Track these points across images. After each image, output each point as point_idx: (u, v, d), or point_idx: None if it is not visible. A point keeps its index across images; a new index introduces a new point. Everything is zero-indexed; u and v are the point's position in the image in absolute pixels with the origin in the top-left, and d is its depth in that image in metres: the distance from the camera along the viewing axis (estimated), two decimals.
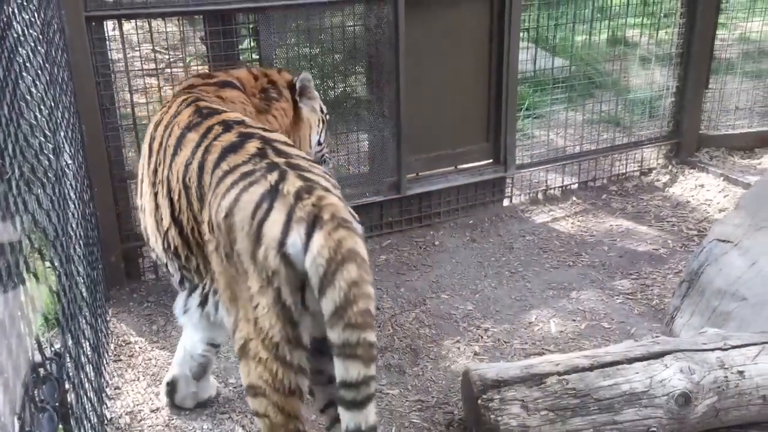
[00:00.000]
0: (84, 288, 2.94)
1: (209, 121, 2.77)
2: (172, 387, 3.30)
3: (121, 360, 3.68)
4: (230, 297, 2.47)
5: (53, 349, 1.85)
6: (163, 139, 2.90)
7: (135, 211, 4.38)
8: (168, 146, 2.84)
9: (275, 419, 2.41)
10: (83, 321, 2.76)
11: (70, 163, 3.10)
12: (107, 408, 3.25)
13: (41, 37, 2.63)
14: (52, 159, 2.37)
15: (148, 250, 3.16)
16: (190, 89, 3.24)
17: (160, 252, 2.96)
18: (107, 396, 3.33)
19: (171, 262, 2.94)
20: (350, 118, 4.80)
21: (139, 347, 3.79)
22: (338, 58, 4.59)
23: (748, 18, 6.19)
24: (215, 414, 3.31)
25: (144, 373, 3.58)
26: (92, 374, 2.76)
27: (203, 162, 2.58)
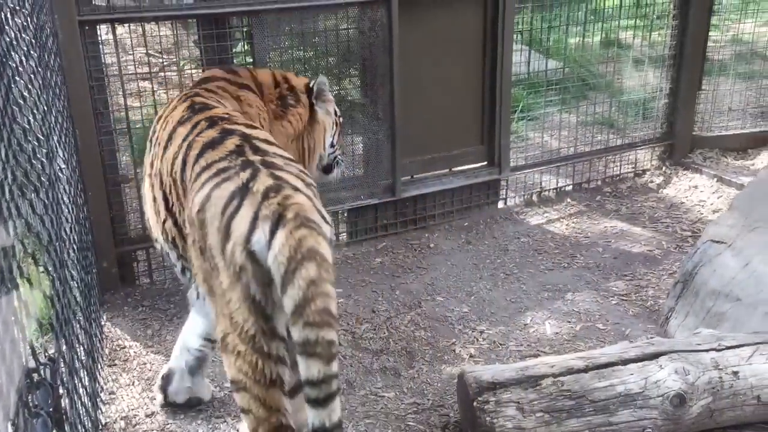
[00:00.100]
0: (78, 292, 2.93)
1: (197, 117, 2.86)
2: (167, 380, 3.32)
3: (116, 364, 3.67)
4: (208, 291, 2.53)
5: (47, 355, 1.84)
6: (160, 133, 3.01)
7: (129, 215, 4.39)
8: (162, 140, 2.95)
9: (258, 413, 2.44)
10: (77, 326, 2.75)
11: (64, 168, 3.09)
12: (102, 413, 3.24)
13: (34, 42, 2.63)
14: (46, 163, 2.37)
15: (153, 242, 3.25)
16: (205, 82, 3.42)
17: (162, 242, 3.05)
18: (102, 401, 3.32)
19: (171, 252, 3.02)
20: (345, 121, 4.78)
21: (134, 351, 3.78)
22: (332, 61, 4.59)
23: (741, 19, 6.21)
24: (210, 418, 3.31)
25: (139, 378, 3.57)
26: (86, 379, 2.75)
27: (186, 157, 2.67)
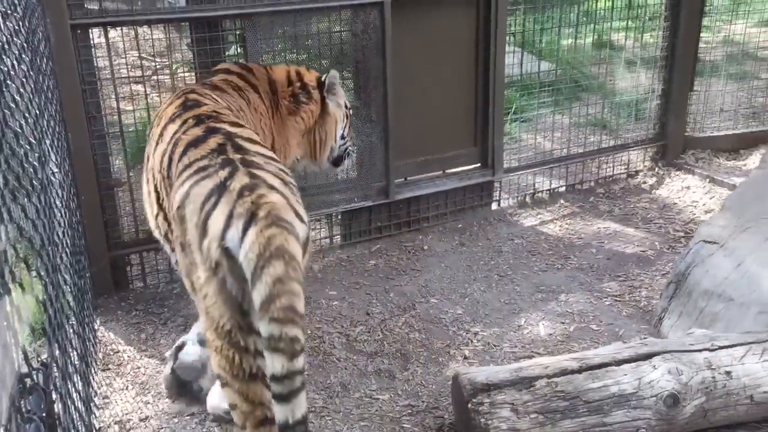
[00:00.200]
0: (71, 297, 2.93)
1: (187, 114, 2.92)
2: (180, 348, 3.37)
3: (110, 369, 3.66)
4: (191, 287, 2.57)
5: (40, 359, 1.84)
6: (155, 129, 3.09)
7: (122, 219, 4.37)
8: (155, 136, 3.03)
9: (242, 407, 2.46)
10: (70, 330, 2.75)
11: (56, 171, 3.09)
12: (95, 417, 3.23)
13: (26, 45, 2.63)
14: (38, 167, 2.36)
15: (151, 231, 3.31)
16: (214, 75, 3.55)
17: (158, 235, 3.11)
18: (95, 405, 3.31)
19: (166, 245, 3.08)
20: None
21: (128, 356, 3.76)
22: (325, 64, 4.59)
23: (732, 21, 6.24)
24: (204, 422, 3.30)
25: (132, 382, 3.56)
26: (80, 384, 2.74)
27: (172, 154, 2.73)
